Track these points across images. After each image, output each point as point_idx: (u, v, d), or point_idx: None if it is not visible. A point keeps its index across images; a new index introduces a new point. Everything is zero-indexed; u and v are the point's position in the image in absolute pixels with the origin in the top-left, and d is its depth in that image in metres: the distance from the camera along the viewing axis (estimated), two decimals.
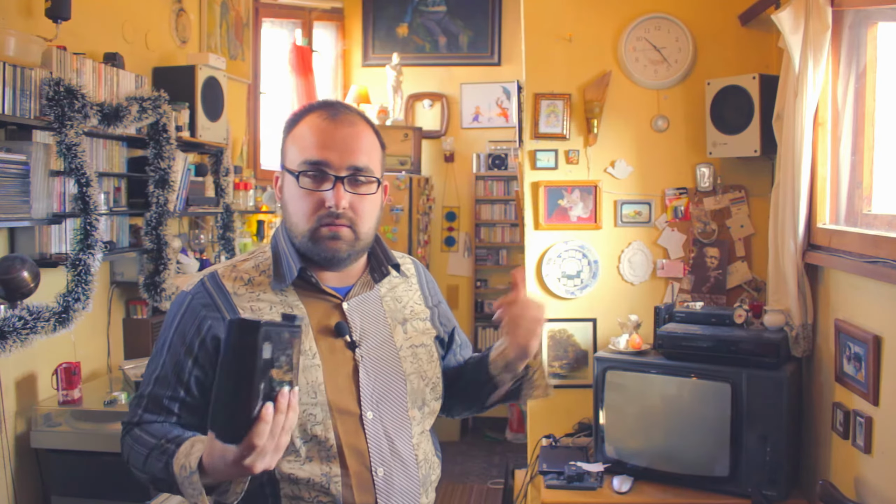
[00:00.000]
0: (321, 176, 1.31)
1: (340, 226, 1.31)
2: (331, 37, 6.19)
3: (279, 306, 1.33)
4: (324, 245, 1.32)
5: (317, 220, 1.31)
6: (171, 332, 1.33)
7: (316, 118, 1.35)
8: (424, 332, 1.48)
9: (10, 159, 2.23)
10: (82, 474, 2.36)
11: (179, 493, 1.18)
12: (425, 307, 1.53)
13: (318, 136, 1.33)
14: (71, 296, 2.39)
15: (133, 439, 1.29)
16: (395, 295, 1.48)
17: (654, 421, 2.86)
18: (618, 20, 3.34)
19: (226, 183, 3.44)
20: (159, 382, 1.31)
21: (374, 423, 1.33)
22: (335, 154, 1.31)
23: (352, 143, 1.32)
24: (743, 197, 3.30)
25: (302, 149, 1.34)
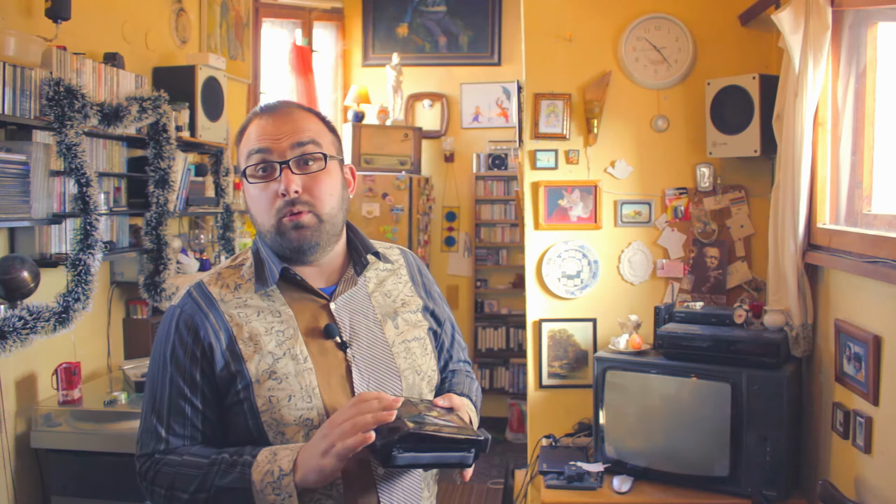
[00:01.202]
0: (268, 168, 1.29)
1: (300, 213, 1.29)
2: (331, 37, 6.19)
3: (266, 312, 1.32)
4: (289, 236, 1.30)
5: (276, 212, 1.29)
6: (169, 348, 1.33)
7: (256, 119, 1.35)
8: (416, 324, 1.44)
9: (10, 159, 2.23)
10: (82, 474, 2.36)
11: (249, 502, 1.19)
12: (417, 297, 1.49)
13: (257, 130, 1.32)
14: (71, 296, 2.39)
15: (172, 466, 1.26)
16: (385, 289, 1.45)
17: (654, 421, 2.86)
18: (618, 20, 3.34)
19: (226, 183, 3.44)
20: (173, 399, 1.30)
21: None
22: (274, 140, 1.29)
23: (290, 125, 1.31)
24: (743, 197, 3.30)
25: (245, 148, 1.33)
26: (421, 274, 1.54)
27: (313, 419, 1.27)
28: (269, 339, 1.30)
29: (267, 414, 1.26)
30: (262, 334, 1.30)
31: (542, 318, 3.39)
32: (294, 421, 1.26)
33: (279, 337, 1.30)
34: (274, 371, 1.27)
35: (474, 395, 1.54)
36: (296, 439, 1.26)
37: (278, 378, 1.27)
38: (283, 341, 1.30)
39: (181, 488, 1.24)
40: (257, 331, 1.30)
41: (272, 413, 1.26)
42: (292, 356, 1.29)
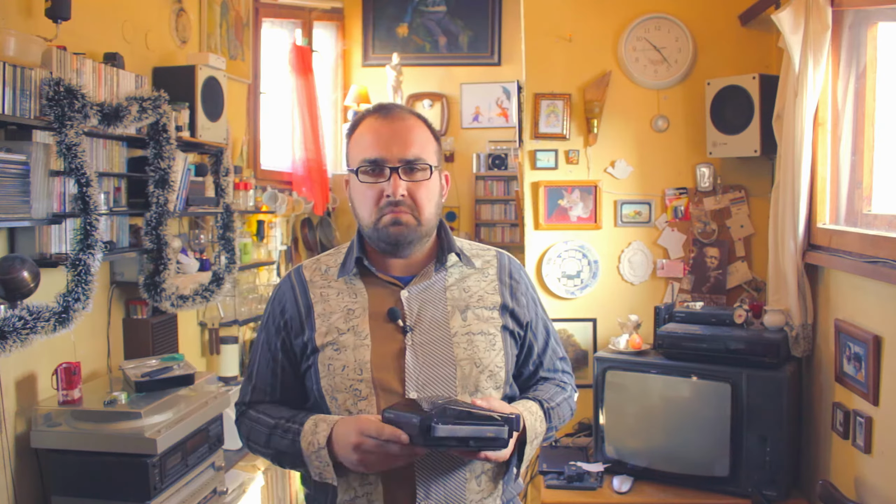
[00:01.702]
0: (378, 170, 1.43)
1: (401, 212, 1.42)
2: (331, 37, 6.19)
3: (345, 293, 1.49)
4: (387, 231, 1.43)
5: (378, 210, 1.43)
6: (266, 318, 1.56)
7: (371, 120, 1.47)
8: (487, 319, 1.49)
9: (10, 159, 2.23)
10: (82, 474, 2.36)
11: (304, 465, 1.40)
12: (497, 295, 1.52)
13: (373, 135, 1.45)
14: (71, 296, 2.38)
15: (251, 420, 1.51)
16: (464, 285, 1.52)
17: (654, 421, 2.86)
18: (618, 20, 3.34)
19: (226, 183, 3.44)
20: (261, 362, 1.54)
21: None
22: (388, 149, 1.43)
23: (404, 136, 1.44)
24: (743, 197, 3.30)
25: (360, 149, 1.46)
26: (511, 276, 1.57)
27: (361, 390, 1.41)
28: (340, 315, 1.47)
29: (325, 379, 1.44)
30: (336, 311, 1.47)
31: None
32: (345, 389, 1.42)
33: (348, 314, 1.47)
34: (335, 342, 1.44)
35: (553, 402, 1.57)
36: (345, 406, 1.41)
37: (338, 349, 1.44)
38: (350, 318, 1.46)
39: (255, 441, 1.49)
40: (332, 308, 1.48)
41: (328, 379, 1.43)
42: (355, 332, 1.44)
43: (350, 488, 1.40)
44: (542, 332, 1.61)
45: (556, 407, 1.56)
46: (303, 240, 4.99)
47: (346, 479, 1.40)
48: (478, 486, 1.43)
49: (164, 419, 2.43)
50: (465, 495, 1.40)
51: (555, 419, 1.54)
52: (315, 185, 4.92)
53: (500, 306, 1.52)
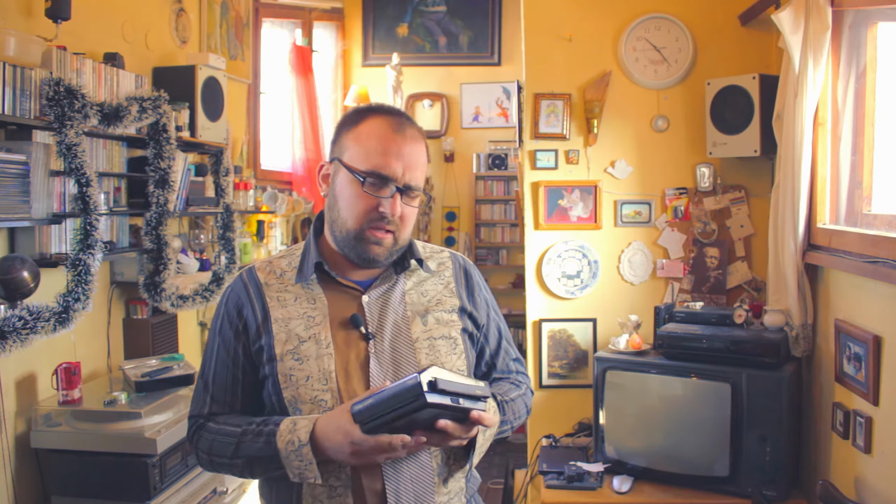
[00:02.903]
0: (383, 185, 1.39)
1: (387, 232, 1.40)
2: (331, 37, 6.19)
3: (303, 298, 1.43)
4: (367, 247, 1.41)
5: (366, 221, 1.39)
6: (219, 322, 1.48)
7: (383, 123, 1.42)
8: (448, 323, 1.47)
9: (10, 159, 2.23)
10: (82, 474, 2.36)
11: (279, 467, 1.33)
12: (455, 298, 1.51)
13: (387, 145, 1.40)
14: (71, 296, 2.39)
15: (211, 433, 1.42)
16: (422, 289, 1.50)
17: (654, 421, 2.86)
18: (618, 20, 3.34)
19: (226, 183, 3.44)
20: (219, 369, 1.46)
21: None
22: (400, 168, 1.39)
23: (414, 159, 1.42)
24: (743, 197, 3.30)
25: (368, 153, 1.40)
26: (467, 277, 1.56)
27: (327, 400, 1.36)
28: (300, 322, 1.41)
29: (287, 390, 1.38)
30: (295, 318, 1.42)
31: (542, 318, 3.39)
32: (310, 400, 1.37)
33: (308, 321, 1.42)
34: (297, 352, 1.39)
35: (507, 396, 1.55)
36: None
37: (300, 359, 1.39)
38: (310, 326, 1.41)
39: (218, 454, 1.40)
40: (290, 314, 1.42)
41: (291, 390, 1.38)
42: (316, 340, 1.40)
43: (317, 501, 1.36)
44: (495, 333, 1.59)
45: (511, 402, 1.54)
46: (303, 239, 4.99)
47: (313, 493, 1.36)
48: (445, 487, 1.42)
49: (163, 419, 2.43)
50: (433, 498, 1.39)
51: (509, 413, 1.51)
52: (315, 184, 4.92)
53: (458, 309, 1.50)
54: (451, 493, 1.43)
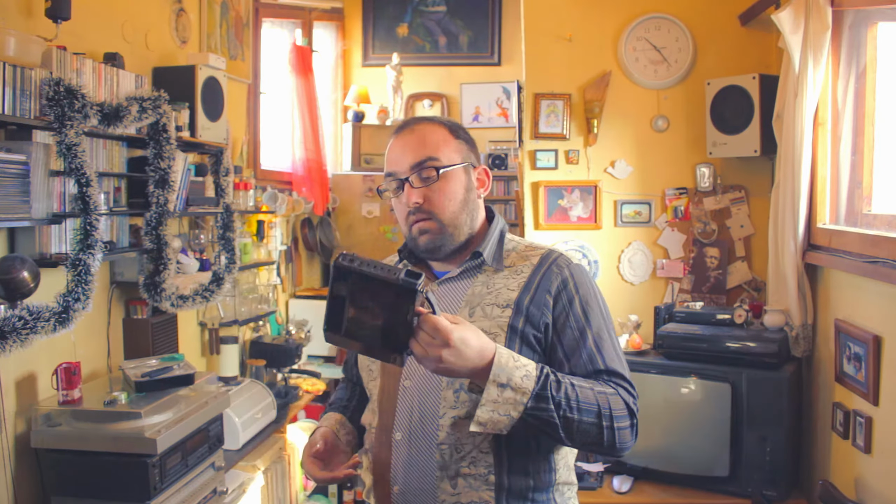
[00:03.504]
0: (397, 185, 1.48)
1: (422, 220, 1.45)
2: (331, 37, 6.19)
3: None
4: (417, 241, 1.48)
5: (406, 220, 1.48)
6: None
7: (392, 140, 1.53)
8: (494, 317, 1.40)
9: (10, 159, 2.23)
10: (82, 474, 2.36)
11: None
12: (514, 294, 1.42)
13: (390, 154, 1.52)
14: (71, 296, 2.38)
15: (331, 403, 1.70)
16: (492, 282, 1.45)
17: (654, 421, 2.86)
18: (618, 20, 3.34)
19: (226, 183, 3.44)
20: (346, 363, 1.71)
21: (410, 390, 1.43)
22: (399, 162, 1.48)
23: (413, 144, 1.47)
24: (743, 197, 3.30)
25: (385, 169, 1.54)
26: (545, 274, 1.44)
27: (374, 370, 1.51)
28: None
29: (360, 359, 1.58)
30: None
31: None
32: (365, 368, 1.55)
33: None
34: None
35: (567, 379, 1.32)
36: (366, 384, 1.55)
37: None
38: None
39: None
40: None
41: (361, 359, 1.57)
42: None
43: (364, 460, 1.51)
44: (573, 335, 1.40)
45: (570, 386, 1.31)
46: (303, 240, 4.99)
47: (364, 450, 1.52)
48: (452, 487, 1.37)
49: (164, 419, 2.43)
50: (435, 492, 1.37)
51: (559, 393, 1.29)
52: (315, 185, 4.92)
53: (513, 303, 1.40)
54: (460, 497, 1.36)
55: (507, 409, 1.26)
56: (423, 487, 1.38)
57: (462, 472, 1.36)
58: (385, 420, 1.45)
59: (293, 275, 4.80)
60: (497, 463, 1.36)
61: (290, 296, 4.70)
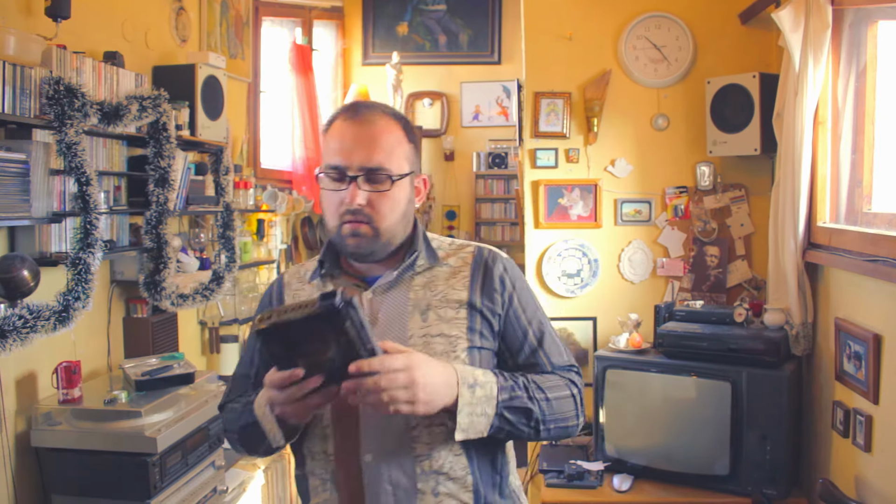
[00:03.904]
0: (340, 177, 1.37)
1: (359, 223, 1.36)
2: (331, 35, 6.19)
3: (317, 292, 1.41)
4: (346, 241, 1.39)
5: (339, 217, 1.38)
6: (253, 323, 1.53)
7: (339, 122, 1.41)
8: (451, 320, 1.38)
9: (10, 158, 2.23)
10: (82, 473, 2.36)
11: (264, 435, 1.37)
12: (464, 293, 1.41)
13: (339, 139, 1.39)
14: (71, 294, 2.38)
15: (227, 412, 1.53)
16: (433, 284, 1.43)
17: (654, 420, 2.86)
18: (618, 19, 3.34)
19: (226, 182, 3.44)
20: (242, 364, 1.58)
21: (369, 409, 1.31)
22: (350, 156, 1.36)
23: (368, 142, 1.37)
24: (743, 195, 3.30)
25: (326, 152, 1.42)
26: (486, 270, 1.44)
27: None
28: None
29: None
30: None
31: None
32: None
33: None
34: None
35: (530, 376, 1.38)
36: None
37: None
38: None
39: (230, 429, 1.50)
40: None
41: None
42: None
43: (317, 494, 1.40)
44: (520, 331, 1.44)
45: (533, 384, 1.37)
46: (303, 238, 4.99)
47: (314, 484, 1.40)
48: (434, 497, 1.34)
49: (164, 418, 2.43)
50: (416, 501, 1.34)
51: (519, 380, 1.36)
52: (315, 183, 4.92)
53: (466, 304, 1.39)
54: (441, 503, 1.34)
55: (483, 408, 1.30)
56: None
57: (441, 480, 1.35)
58: (347, 444, 1.35)
59: None
60: (470, 462, 1.37)
61: None
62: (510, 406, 1.32)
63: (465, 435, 1.29)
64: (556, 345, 1.47)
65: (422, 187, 1.49)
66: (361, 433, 1.34)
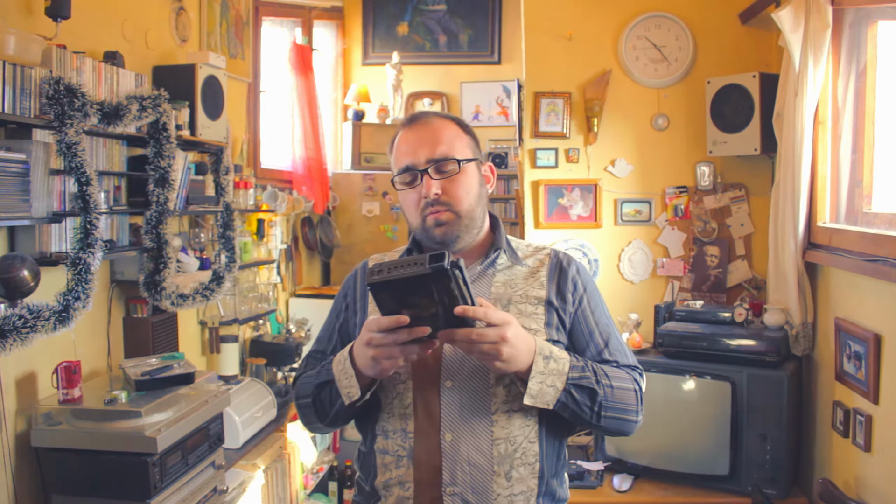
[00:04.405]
0: (412, 176, 1.50)
1: (440, 211, 1.48)
2: (331, 35, 6.19)
3: None
4: (432, 233, 1.49)
5: (420, 213, 1.49)
6: (334, 303, 1.66)
7: (402, 133, 1.56)
8: (530, 315, 1.48)
9: (10, 158, 2.23)
10: (82, 473, 2.36)
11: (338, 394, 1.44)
12: (542, 291, 1.51)
13: (403, 146, 1.53)
14: (71, 294, 2.38)
15: (302, 380, 1.57)
16: (512, 281, 1.53)
17: (655, 419, 2.86)
18: (618, 19, 3.34)
19: (226, 182, 3.44)
20: (319, 341, 1.64)
21: (451, 391, 1.44)
22: (416, 154, 1.50)
23: (429, 138, 1.50)
24: (743, 195, 3.30)
25: (395, 161, 1.56)
26: (561, 271, 1.55)
27: (401, 374, 1.46)
28: None
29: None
30: None
31: None
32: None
33: None
34: None
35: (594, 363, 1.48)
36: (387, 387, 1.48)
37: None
38: None
39: (302, 395, 1.54)
40: None
41: None
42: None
43: (387, 471, 1.46)
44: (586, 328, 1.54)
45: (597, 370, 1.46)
46: (303, 238, 4.99)
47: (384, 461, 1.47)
48: (506, 481, 1.42)
49: (164, 418, 2.43)
50: (491, 487, 1.41)
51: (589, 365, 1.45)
52: (315, 183, 4.92)
53: (544, 301, 1.50)
54: (513, 488, 1.42)
55: (553, 381, 1.39)
56: (481, 485, 1.41)
57: (515, 465, 1.43)
58: (428, 423, 1.43)
59: (293, 274, 4.80)
60: (540, 450, 1.46)
61: (291, 294, 4.70)
62: (578, 384, 1.41)
63: (533, 401, 1.38)
64: (621, 346, 1.56)
65: (489, 174, 1.60)
66: (442, 413, 1.43)
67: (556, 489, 1.51)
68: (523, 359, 1.35)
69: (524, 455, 1.44)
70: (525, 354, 1.35)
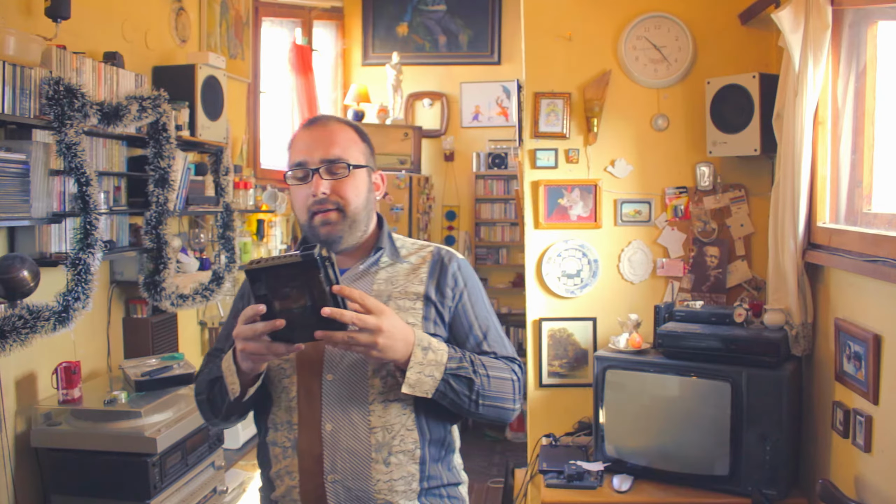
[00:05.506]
0: (303, 173, 1.54)
1: (328, 210, 1.52)
2: (330, 36, 6.19)
3: None
4: (318, 231, 1.53)
5: (308, 209, 1.53)
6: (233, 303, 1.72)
7: (299, 131, 1.60)
8: (408, 310, 1.54)
9: (10, 158, 2.23)
10: (82, 473, 2.36)
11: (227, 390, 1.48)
12: (420, 286, 1.57)
13: (299, 143, 1.58)
14: (71, 295, 2.38)
15: (200, 377, 1.63)
16: (394, 278, 1.59)
17: (654, 420, 2.86)
18: (618, 19, 3.34)
19: (226, 182, 3.44)
20: (219, 340, 1.70)
21: (332, 384, 1.50)
22: (310, 152, 1.54)
23: (324, 139, 1.55)
24: (743, 196, 3.30)
25: (290, 156, 1.59)
26: (441, 268, 1.61)
27: (286, 369, 1.52)
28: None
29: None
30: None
31: (542, 318, 3.39)
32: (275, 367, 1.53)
33: None
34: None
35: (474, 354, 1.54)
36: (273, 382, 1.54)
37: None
38: None
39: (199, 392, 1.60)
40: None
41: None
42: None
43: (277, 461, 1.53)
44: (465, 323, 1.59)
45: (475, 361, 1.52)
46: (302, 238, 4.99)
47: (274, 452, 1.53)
48: (385, 466, 1.48)
49: (163, 418, 2.43)
50: (370, 473, 1.48)
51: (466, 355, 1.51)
52: None
53: (422, 296, 1.56)
54: (392, 474, 1.49)
55: (431, 371, 1.45)
56: (360, 472, 1.48)
57: (393, 451, 1.50)
58: (310, 415, 1.49)
59: None
60: (421, 437, 1.53)
61: None
62: (455, 374, 1.48)
63: (411, 390, 1.44)
64: (500, 339, 1.63)
65: (380, 182, 1.66)
66: (323, 405, 1.49)
67: (442, 473, 1.57)
68: (400, 348, 1.41)
69: (402, 442, 1.50)
70: (402, 345, 1.41)
